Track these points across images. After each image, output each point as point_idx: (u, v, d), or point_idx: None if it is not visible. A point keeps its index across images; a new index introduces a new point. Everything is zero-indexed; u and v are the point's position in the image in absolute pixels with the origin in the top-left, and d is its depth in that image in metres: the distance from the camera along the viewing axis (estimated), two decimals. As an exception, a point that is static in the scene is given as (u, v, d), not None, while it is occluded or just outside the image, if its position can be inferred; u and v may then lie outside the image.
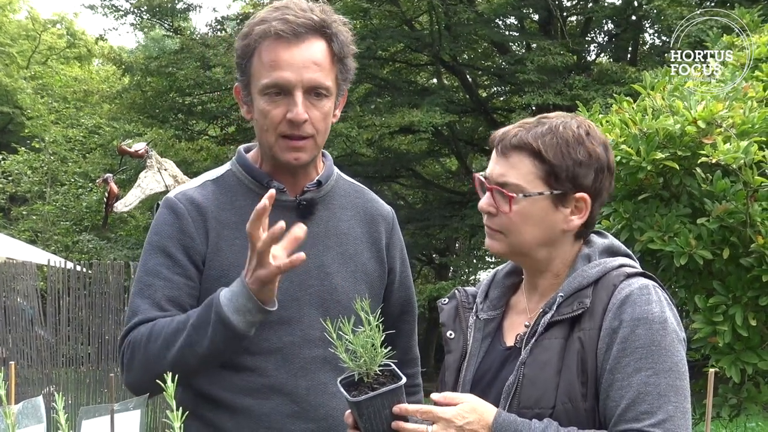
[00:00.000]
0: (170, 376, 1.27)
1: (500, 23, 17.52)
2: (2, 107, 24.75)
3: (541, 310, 1.75)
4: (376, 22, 16.59)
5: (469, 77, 17.82)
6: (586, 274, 1.73)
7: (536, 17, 17.65)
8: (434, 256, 20.85)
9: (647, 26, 17.23)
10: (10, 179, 21.40)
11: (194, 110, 17.34)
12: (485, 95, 18.73)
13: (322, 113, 2.02)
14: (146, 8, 18.36)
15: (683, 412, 1.64)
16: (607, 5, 17.00)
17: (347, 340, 1.64)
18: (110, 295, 8.91)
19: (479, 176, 1.80)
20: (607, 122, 3.67)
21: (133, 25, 20.52)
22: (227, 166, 2.17)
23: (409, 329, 2.31)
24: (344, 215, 2.16)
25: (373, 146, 16.68)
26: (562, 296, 1.72)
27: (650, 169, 3.39)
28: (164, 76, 16.59)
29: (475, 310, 1.88)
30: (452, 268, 20.37)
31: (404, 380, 1.64)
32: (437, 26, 16.12)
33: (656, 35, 17.66)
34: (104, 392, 8.64)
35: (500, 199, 1.75)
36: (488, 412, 1.65)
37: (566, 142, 1.72)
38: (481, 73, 18.54)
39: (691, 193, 3.49)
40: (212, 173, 2.17)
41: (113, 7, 18.68)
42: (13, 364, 1.71)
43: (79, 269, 9.28)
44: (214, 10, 27.08)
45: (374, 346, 1.63)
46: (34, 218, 20.65)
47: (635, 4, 15.89)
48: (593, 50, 18.77)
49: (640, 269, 1.77)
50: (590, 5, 17.19)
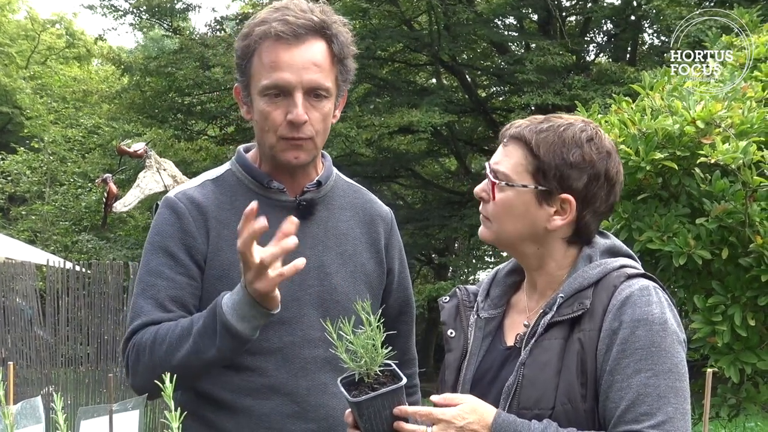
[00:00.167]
0: (169, 377, 1.27)
1: (499, 23, 17.53)
2: (1, 107, 24.74)
3: (541, 310, 1.75)
4: (375, 22, 16.59)
5: (468, 77, 17.82)
6: (586, 274, 1.73)
7: (535, 17, 17.66)
8: (433, 256, 20.85)
9: (646, 26, 17.24)
10: (9, 179, 21.39)
11: (193, 110, 17.34)
12: (484, 95, 18.73)
13: (321, 114, 2.02)
14: (145, 8, 18.36)
15: (683, 413, 1.63)
16: (606, 5, 17.01)
17: (348, 340, 1.64)
18: (109, 295, 8.90)
19: (486, 163, 1.84)
20: (606, 122, 3.66)
21: (132, 25, 20.54)
22: (227, 165, 2.17)
23: (407, 330, 2.31)
24: (343, 216, 2.17)
25: (372, 146, 16.67)
26: (562, 297, 1.72)
27: (649, 169, 3.38)
28: (163, 76, 16.59)
29: (476, 308, 1.88)
30: (451, 268, 20.37)
31: (405, 381, 1.64)
32: (436, 26, 16.12)
33: (655, 35, 17.69)
34: (103, 392, 8.63)
35: (489, 185, 1.79)
36: (488, 412, 1.65)
37: (563, 142, 1.73)
38: (480, 73, 18.54)
39: (689, 193, 3.48)
40: (212, 173, 2.16)
41: (112, 7, 18.69)
42: (11, 364, 1.71)
43: (78, 269, 9.27)
44: (213, 10, 27.16)
45: (375, 346, 1.63)
46: (33, 218, 20.64)
47: (634, 4, 15.89)
48: (592, 50, 18.79)
49: (641, 270, 1.77)
50: (589, 5, 17.20)
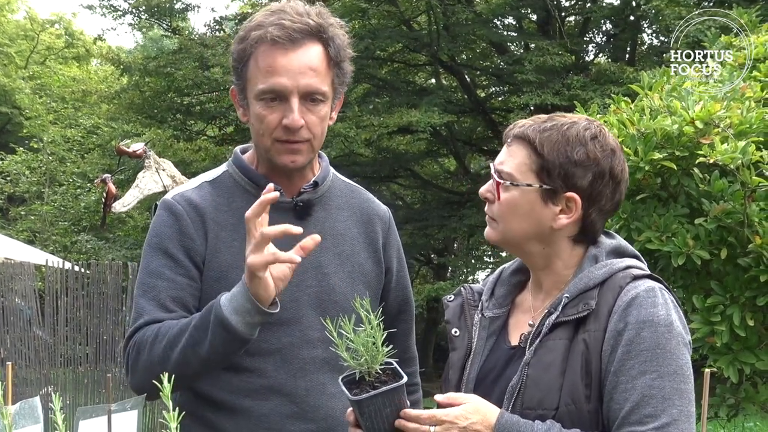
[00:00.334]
0: (167, 376, 1.27)
1: (498, 23, 17.54)
2: (0, 107, 24.72)
3: (546, 310, 1.75)
4: (374, 22, 16.60)
5: (467, 77, 17.83)
6: (592, 275, 1.73)
7: (534, 17, 17.66)
8: (432, 256, 20.86)
9: (645, 26, 17.25)
10: (8, 179, 21.37)
11: (192, 110, 17.34)
12: (483, 95, 18.73)
13: (318, 118, 2.01)
14: (144, 8, 18.36)
15: (687, 415, 1.62)
16: (605, 5, 17.02)
17: (348, 338, 1.63)
18: (108, 295, 8.90)
19: (492, 164, 1.83)
20: (605, 122, 3.67)
21: (131, 25, 20.55)
22: (224, 167, 2.17)
23: (406, 328, 2.31)
24: (341, 216, 2.16)
25: (371, 146, 16.68)
26: (567, 297, 1.71)
27: (648, 169, 3.39)
28: (162, 76, 16.59)
29: (480, 307, 1.87)
30: (450, 268, 20.39)
31: (405, 379, 1.64)
32: (435, 26, 16.13)
33: (654, 35, 17.70)
34: (102, 392, 8.63)
35: (494, 185, 1.78)
36: (491, 412, 1.65)
37: (566, 140, 1.72)
38: (479, 73, 18.55)
39: (688, 193, 3.49)
40: (209, 174, 2.16)
41: (111, 7, 18.68)
42: (10, 364, 1.71)
43: (77, 269, 9.27)
44: (212, 10, 27.09)
45: (375, 344, 1.63)
46: (32, 218, 20.62)
47: (633, 4, 15.90)
48: (591, 50, 18.80)
49: (647, 271, 1.76)
50: (588, 5, 17.21)
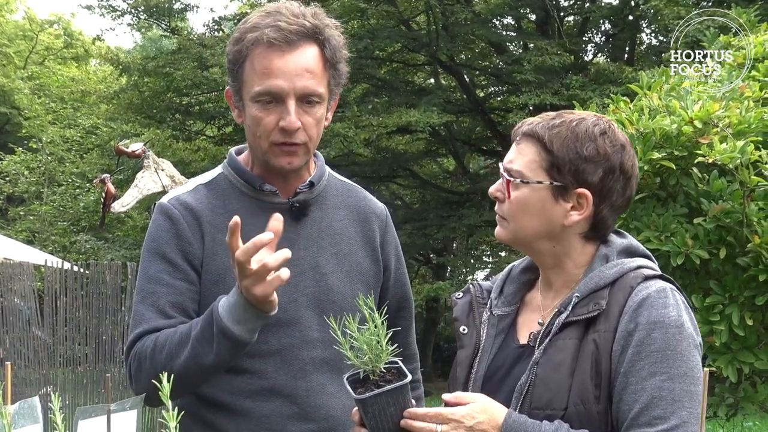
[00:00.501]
0: (166, 376, 1.27)
1: (497, 23, 17.55)
2: (-1, 107, 24.76)
3: (556, 309, 1.73)
4: (373, 22, 16.60)
5: (466, 77, 17.83)
6: (603, 274, 1.71)
7: (533, 17, 17.67)
8: (431, 256, 20.85)
9: (644, 26, 17.27)
10: (7, 180, 21.38)
11: (191, 110, 17.36)
12: (482, 95, 18.74)
13: (314, 119, 2.00)
14: (143, 8, 18.37)
15: (697, 418, 1.61)
16: (604, 5, 17.03)
17: (351, 337, 1.62)
18: (107, 295, 8.90)
19: (500, 164, 1.82)
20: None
21: (130, 25, 20.54)
22: (219, 169, 2.16)
23: (406, 325, 2.30)
24: (337, 215, 2.16)
25: (370, 146, 16.68)
26: (578, 296, 1.70)
27: (647, 169, 3.39)
28: (161, 76, 16.60)
29: (489, 305, 1.86)
30: (450, 268, 20.39)
31: (410, 378, 1.63)
32: (434, 26, 16.13)
33: (653, 35, 17.71)
34: (101, 392, 8.63)
35: (504, 184, 1.77)
36: (498, 412, 1.64)
37: (576, 136, 1.71)
38: (478, 73, 18.56)
39: (687, 192, 3.49)
40: (203, 177, 2.15)
41: (110, 7, 18.69)
42: (9, 364, 1.71)
43: (76, 269, 9.27)
44: (211, 10, 27.15)
45: (379, 343, 1.62)
46: (31, 218, 20.63)
47: (632, 4, 15.91)
48: (590, 50, 18.81)
49: (658, 271, 1.74)
50: (587, 5, 17.22)
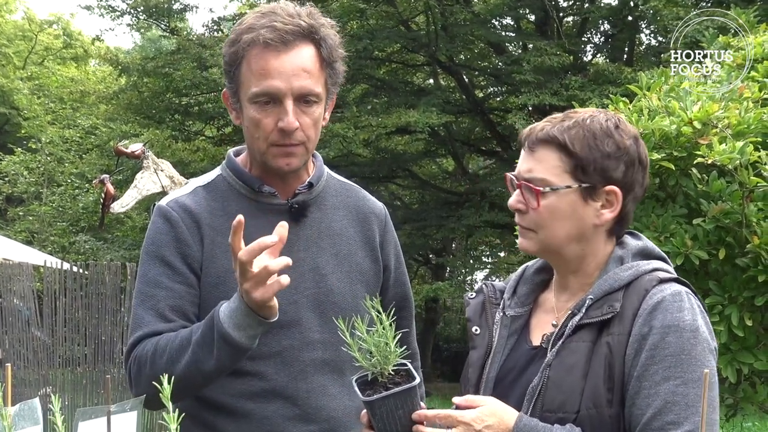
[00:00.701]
0: (167, 378, 1.27)
1: (497, 24, 17.55)
2: (-1, 108, 24.75)
3: (569, 311, 1.71)
4: (372, 22, 16.60)
5: (465, 78, 17.82)
6: (617, 276, 1.69)
7: (533, 18, 17.67)
8: (431, 256, 20.85)
9: (643, 27, 17.27)
10: (6, 180, 21.38)
11: (191, 111, 17.35)
12: (482, 96, 18.74)
13: (312, 119, 2.00)
14: (143, 9, 18.36)
15: (711, 423, 1.60)
16: (603, 6, 17.03)
17: (359, 339, 1.61)
18: (107, 295, 8.90)
19: (510, 175, 1.78)
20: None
21: (129, 25, 20.52)
22: (217, 171, 2.15)
23: (407, 325, 2.30)
24: (336, 215, 2.15)
25: (369, 147, 16.68)
26: (591, 299, 1.68)
27: (646, 169, 3.39)
28: (161, 76, 16.59)
29: (502, 306, 1.84)
30: (449, 268, 20.39)
31: (418, 380, 1.62)
32: (434, 27, 16.13)
33: (652, 36, 17.71)
34: (101, 393, 8.62)
35: (528, 195, 1.72)
36: (509, 415, 1.62)
37: (593, 134, 1.69)
38: (477, 73, 18.55)
39: (687, 193, 3.48)
40: (202, 179, 2.15)
41: (110, 7, 18.67)
42: (9, 365, 1.71)
43: (75, 270, 9.27)
44: (210, 10, 27.11)
45: (388, 345, 1.61)
46: (30, 219, 20.63)
47: (631, 4, 15.90)
48: (589, 51, 18.81)
49: (673, 274, 1.72)
50: (586, 6, 17.22)
